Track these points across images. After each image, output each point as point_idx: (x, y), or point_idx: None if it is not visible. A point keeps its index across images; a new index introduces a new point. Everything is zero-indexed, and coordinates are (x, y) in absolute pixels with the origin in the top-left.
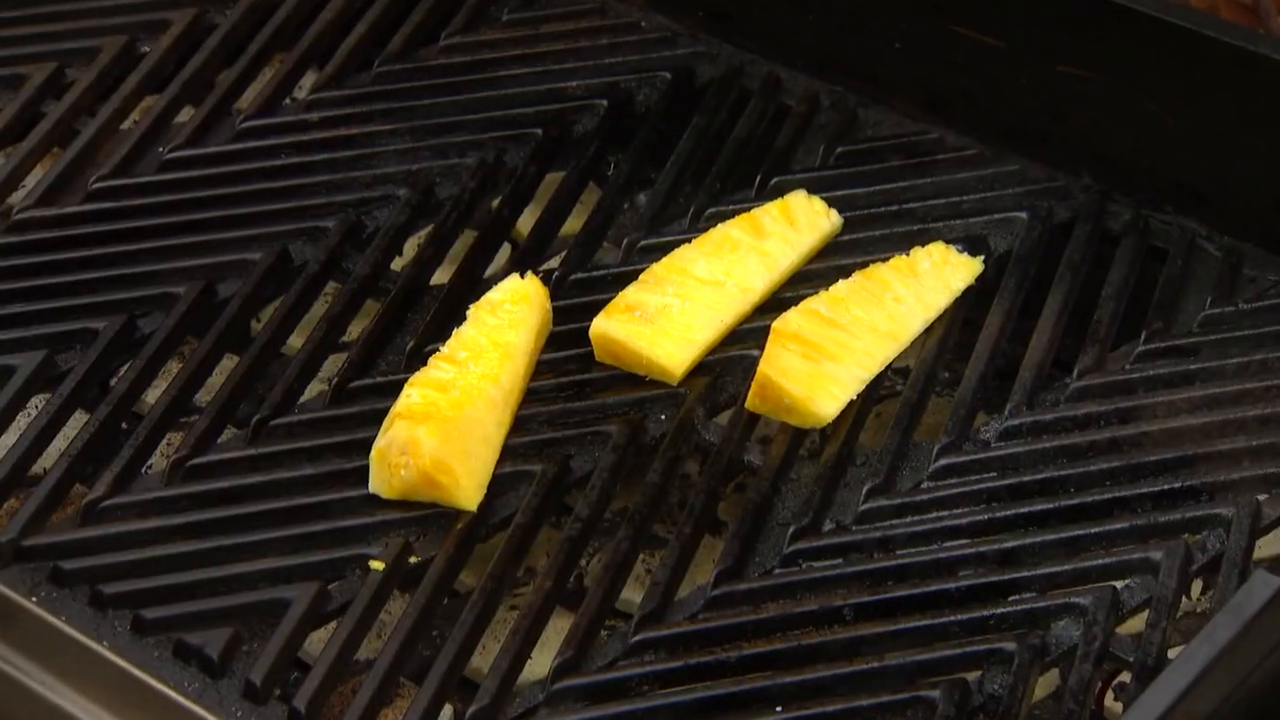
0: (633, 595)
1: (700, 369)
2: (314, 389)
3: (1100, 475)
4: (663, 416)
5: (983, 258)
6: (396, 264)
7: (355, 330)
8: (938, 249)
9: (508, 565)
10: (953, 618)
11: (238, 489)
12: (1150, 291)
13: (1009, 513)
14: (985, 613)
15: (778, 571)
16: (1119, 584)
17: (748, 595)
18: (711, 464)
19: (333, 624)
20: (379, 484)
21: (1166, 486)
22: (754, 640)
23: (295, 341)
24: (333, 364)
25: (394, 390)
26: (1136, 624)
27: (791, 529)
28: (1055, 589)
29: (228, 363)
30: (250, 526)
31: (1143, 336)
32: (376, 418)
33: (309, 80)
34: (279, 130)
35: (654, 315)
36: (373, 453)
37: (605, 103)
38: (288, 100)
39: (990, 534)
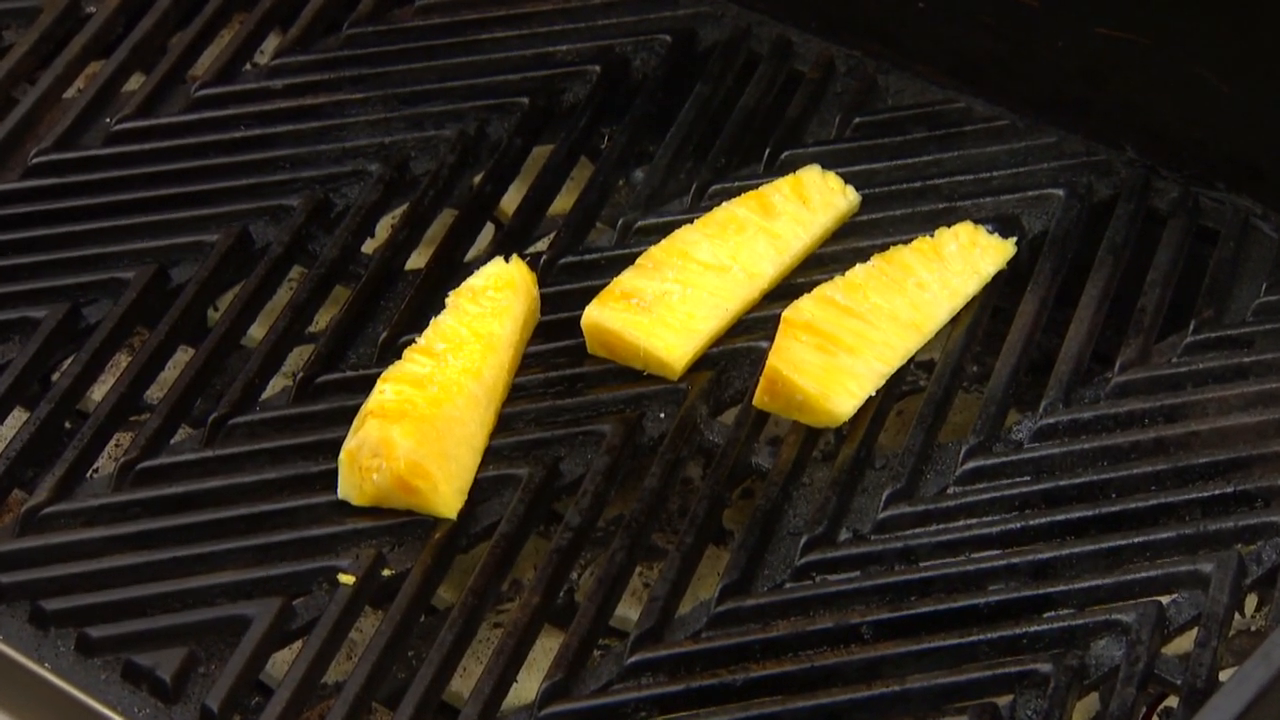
0: (629, 612)
1: (703, 362)
2: (277, 384)
3: (1144, 479)
4: (662, 415)
5: (1015, 239)
6: (368, 246)
7: (322, 320)
8: (965, 230)
9: (491, 579)
10: (982, 636)
11: (193, 495)
12: (1200, 277)
13: (1044, 521)
14: (1018, 631)
15: (789, 585)
16: (1165, 599)
17: (755, 612)
18: (715, 467)
19: (298, 643)
20: (349, 489)
21: (1218, 491)
22: (762, 661)
23: (256, 332)
24: (298, 357)
25: (365, 386)
26: (1184, 643)
27: (804, 539)
28: (1095, 605)
29: (182, 355)
30: (207, 536)
31: (1191, 326)
32: (346, 416)
33: (271, 44)
34: (238, 99)
35: (652, 303)
36: (342, 455)
37: (598, 69)
38: (248, 66)
39: (1023, 544)
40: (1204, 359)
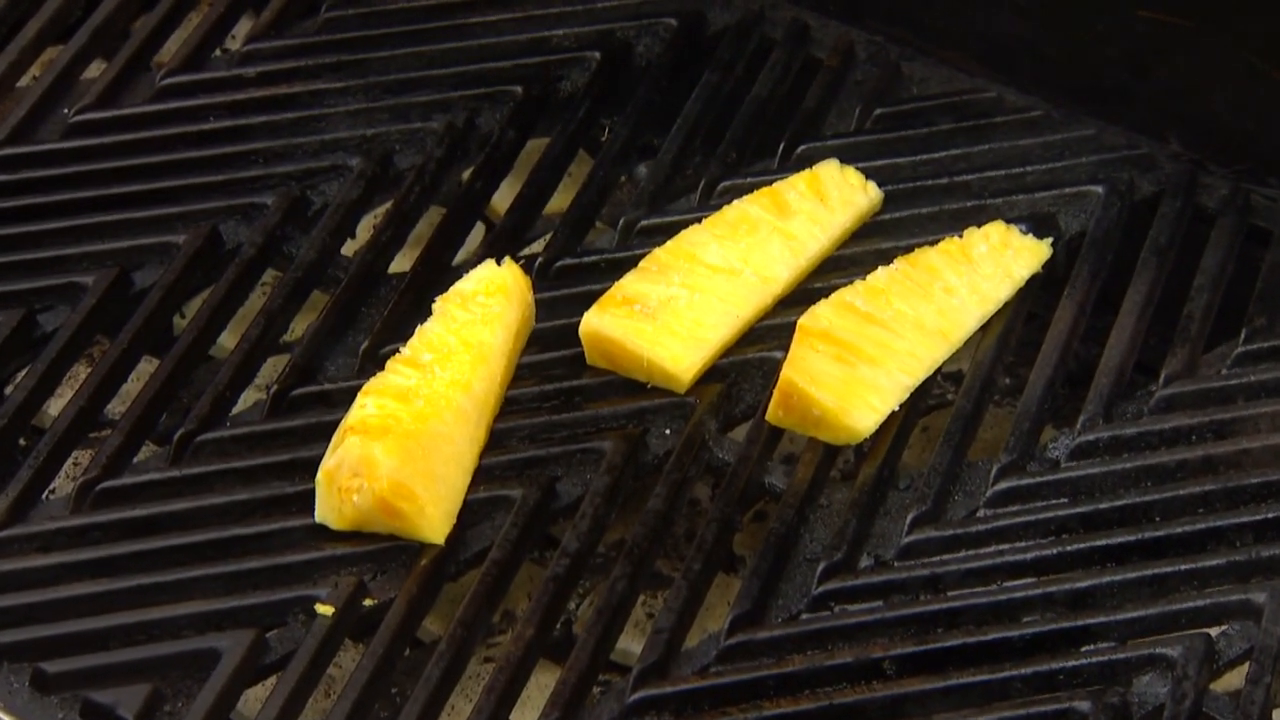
0: (631, 645)
1: (711, 374)
2: (249, 398)
3: (1192, 501)
4: (667, 431)
5: (1050, 240)
6: (348, 248)
7: (299, 327)
8: (997, 230)
9: (481, 609)
10: (1015, 672)
11: (158, 518)
12: (1251, 281)
13: (1082, 546)
14: (1054, 666)
15: (805, 616)
16: (1214, 631)
17: (769, 645)
18: (725, 488)
19: (272, 679)
20: (327, 512)
21: (1271, 515)
22: (776, 699)
23: (227, 341)
24: (272, 368)
25: (345, 399)
26: (1235, 679)
27: (821, 565)
28: (1137, 638)
29: (146, 366)
30: (173, 563)
31: (1242, 335)
32: (324, 432)
33: (243, 28)
34: (207, 88)
35: (656, 310)
36: (320, 475)
37: (598, 55)
38: (218, 52)
39: (1060, 572)
40: (1256, 370)
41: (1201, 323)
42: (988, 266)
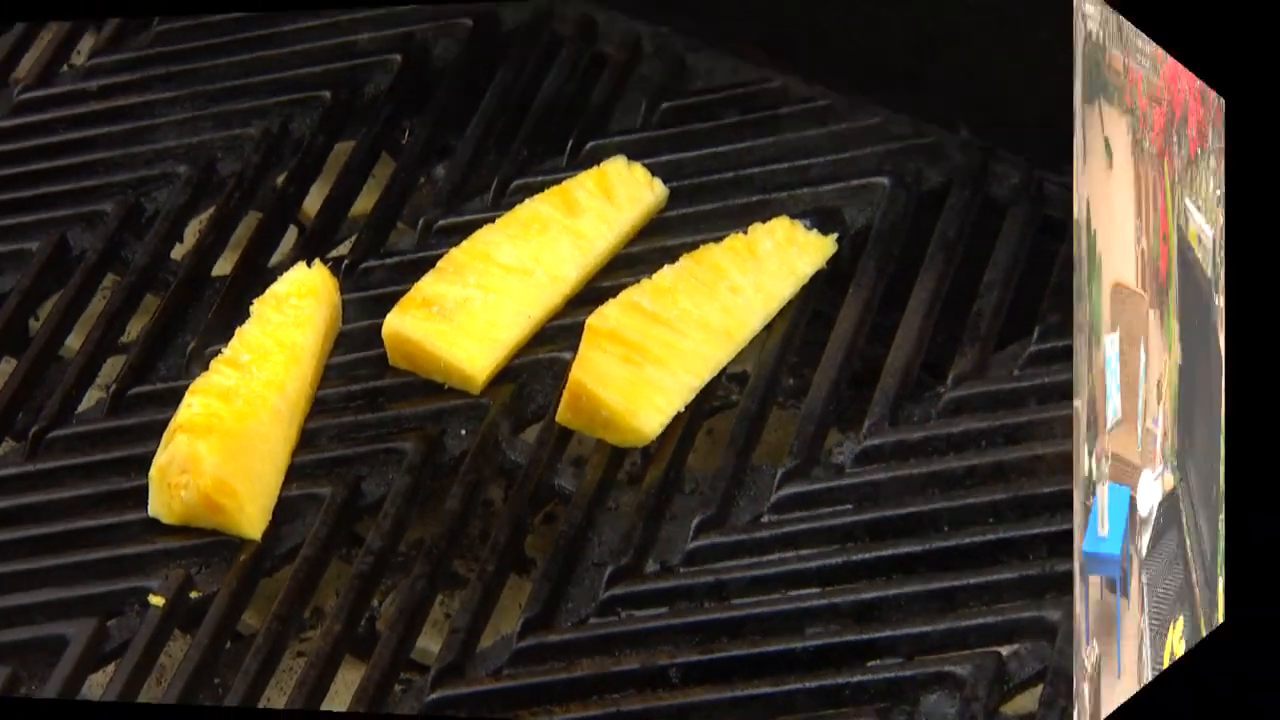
0: (430, 644)
1: (505, 374)
2: (93, 396)
3: (982, 510)
4: (463, 432)
5: (836, 235)
6: (178, 252)
7: (135, 329)
8: (781, 226)
9: (294, 604)
10: (799, 685)
11: (14, 510)
12: (1045, 275)
13: (868, 556)
14: (839, 680)
15: (593, 621)
16: (1005, 650)
17: (559, 649)
18: (517, 489)
19: (112, 665)
20: (159, 507)
21: (1066, 526)
22: (565, 703)
23: (74, 342)
24: (112, 367)
25: (176, 398)
26: (1028, 701)
27: (609, 569)
28: (925, 654)
29: (5, 367)
30: (27, 553)
31: (1036, 333)
32: (159, 430)
33: (88, 43)
34: (57, 102)
35: (453, 310)
36: (152, 471)
37: (399, 57)
38: (66, 67)
39: (845, 582)
40: (1049, 371)
41: (992, 320)
42: (773, 263)
